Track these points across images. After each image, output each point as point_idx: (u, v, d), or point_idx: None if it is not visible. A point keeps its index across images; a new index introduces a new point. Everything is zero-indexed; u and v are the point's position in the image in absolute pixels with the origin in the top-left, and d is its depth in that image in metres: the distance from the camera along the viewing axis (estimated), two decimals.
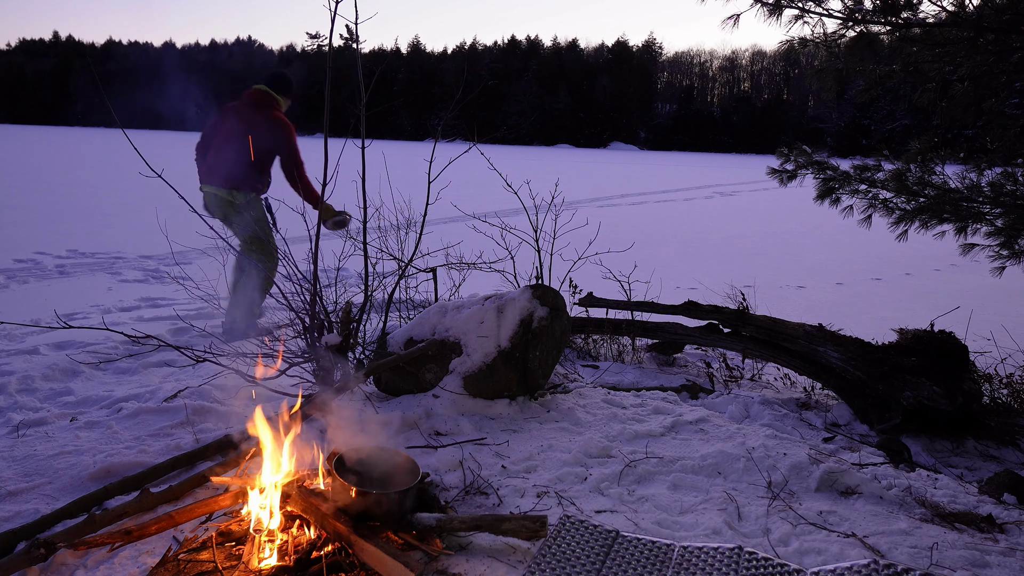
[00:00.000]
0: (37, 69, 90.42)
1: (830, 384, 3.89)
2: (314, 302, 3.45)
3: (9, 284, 6.30)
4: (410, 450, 2.78)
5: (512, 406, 3.30)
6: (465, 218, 5.21)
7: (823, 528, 2.34)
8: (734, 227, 13.44)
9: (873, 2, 3.66)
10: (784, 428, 3.41)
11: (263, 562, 1.95)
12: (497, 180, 4.91)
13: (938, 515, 2.46)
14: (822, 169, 4.70)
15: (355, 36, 3.33)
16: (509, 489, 2.53)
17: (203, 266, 4.45)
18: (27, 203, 12.19)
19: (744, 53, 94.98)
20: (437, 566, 2.03)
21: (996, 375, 3.89)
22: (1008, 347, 4.25)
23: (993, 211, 4.11)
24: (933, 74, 3.97)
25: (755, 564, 1.95)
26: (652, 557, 2.00)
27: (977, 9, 3.53)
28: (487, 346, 3.33)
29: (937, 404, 3.39)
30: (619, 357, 4.81)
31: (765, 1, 3.85)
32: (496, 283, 4.93)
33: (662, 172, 32.29)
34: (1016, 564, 2.16)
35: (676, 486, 2.63)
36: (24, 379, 3.70)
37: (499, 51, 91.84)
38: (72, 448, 2.76)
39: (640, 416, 3.31)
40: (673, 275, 7.50)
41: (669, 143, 79.97)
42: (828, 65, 4.06)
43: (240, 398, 3.37)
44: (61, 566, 2.00)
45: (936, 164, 4.26)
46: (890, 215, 4.47)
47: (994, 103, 4.04)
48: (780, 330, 4.16)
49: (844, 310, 6.60)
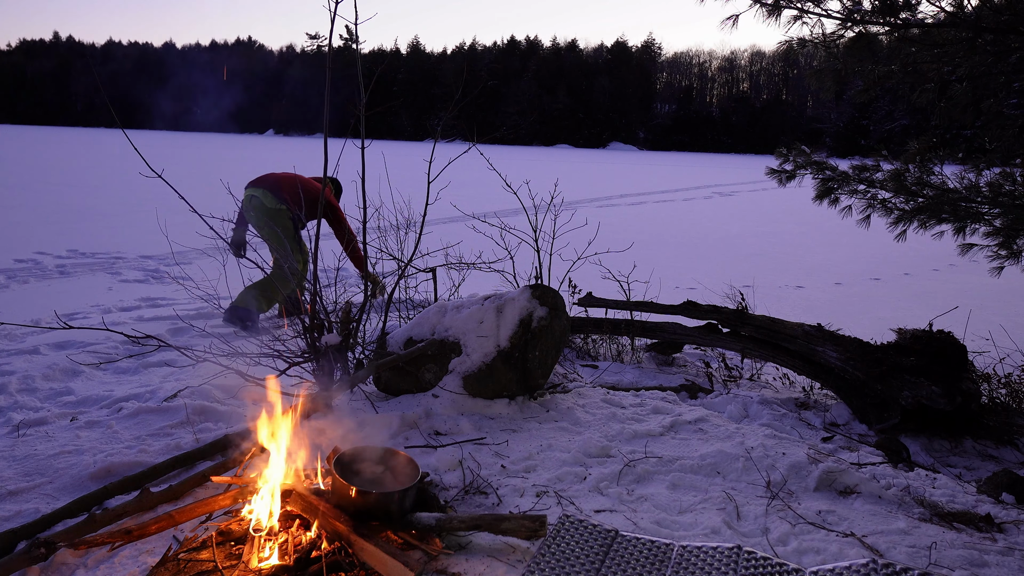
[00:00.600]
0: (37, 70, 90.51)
1: (829, 384, 3.90)
2: (314, 302, 3.45)
3: (9, 284, 6.31)
4: (409, 450, 2.79)
5: (511, 406, 3.31)
6: (464, 218, 5.22)
7: (822, 527, 2.35)
8: (733, 227, 13.45)
9: (872, 3, 3.67)
10: (783, 428, 3.42)
11: (263, 561, 1.96)
12: (496, 180, 4.92)
13: (936, 514, 2.47)
14: (821, 169, 4.70)
15: (355, 37, 3.33)
16: (508, 489, 2.54)
17: (203, 266, 4.46)
18: (27, 203, 12.20)
19: (743, 53, 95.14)
20: (437, 565, 2.04)
21: (994, 375, 3.90)
22: (1006, 347, 4.26)
23: (991, 211, 4.12)
24: (932, 74, 3.98)
25: (754, 563, 1.95)
26: (651, 556, 2.00)
27: (975, 10, 3.54)
28: (486, 346, 3.34)
29: (936, 404, 3.40)
30: (618, 357, 4.82)
31: (764, 2, 3.86)
32: (495, 283, 4.93)
33: (661, 172, 32.30)
34: (1014, 563, 2.17)
35: (675, 486, 2.63)
36: (24, 379, 3.71)
37: (498, 51, 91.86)
38: (72, 448, 2.76)
39: (639, 416, 3.32)
40: (672, 275, 7.50)
41: (668, 143, 79.98)
42: (827, 65, 4.07)
43: (240, 398, 3.37)
44: (61, 565, 2.00)
45: (935, 164, 4.27)
46: (889, 215, 4.48)
47: (992, 103, 4.05)
48: (779, 330, 4.16)
49: (843, 310, 6.61)
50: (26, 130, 58.57)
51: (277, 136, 78.44)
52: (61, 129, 67.04)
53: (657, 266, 6.56)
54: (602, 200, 17.28)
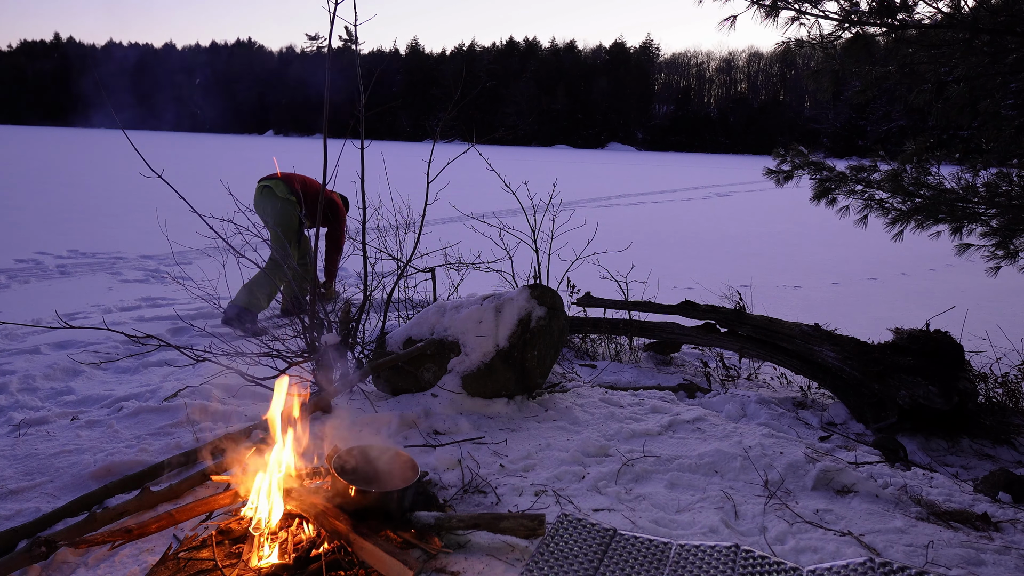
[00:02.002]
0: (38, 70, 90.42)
1: (826, 383, 3.91)
2: (314, 301, 3.46)
3: (10, 284, 6.31)
4: (409, 449, 2.79)
5: (510, 405, 3.32)
6: (463, 218, 5.23)
7: (819, 526, 2.36)
8: (731, 227, 13.46)
9: (869, 4, 3.68)
10: (780, 427, 3.43)
11: (263, 560, 1.96)
12: (495, 181, 4.93)
13: (934, 513, 2.48)
14: (818, 170, 4.72)
15: (354, 38, 3.35)
16: (507, 488, 2.55)
17: (203, 266, 4.47)
18: (28, 203, 12.20)
19: (741, 54, 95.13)
20: (436, 564, 2.05)
21: (991, 374, 3.91)
22: (1003, 346, 4.27)
23: (988, 211, 4.13)
24: (929, 75, 3.99)
25: (752, 562, 1.96)
26: (649, 555, 2.01)
27: (972, 11, 3.55)
28: (485, 345, 3.34)
29: (933, 403, 3.41)
30: (616, 356, 4.83)
31: (762, 3, 3.87)
32: (494, 283, 4.95)
33: (659, 173, 32.32)
34: (1011, 562, 2.18)
35: (673, 485, 2.64)
36: (25, 378, 3.71)
37: (497, 52, 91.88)
38: (73, 447, 2.77)
39: (637, 415, 3.33)
40: (670, 275, 7.52)
41: (666, 144, 79.98)
42: (824, 66, 4.08)
43: (240, 397, 3.38)
44: (62, 564, 2.01)
45: (932, 165, 4.28)
46: (886, 215, 4.49)
47: (989, 104, 4.06)
48: (776, 329, 4.18)
49: (840, 310, 6.62)
50: (27, 131, 58.51)
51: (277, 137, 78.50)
52: (62, 130, 66.97)
53: (655, 266, 6.58)
54: (600, 200, 17.30)
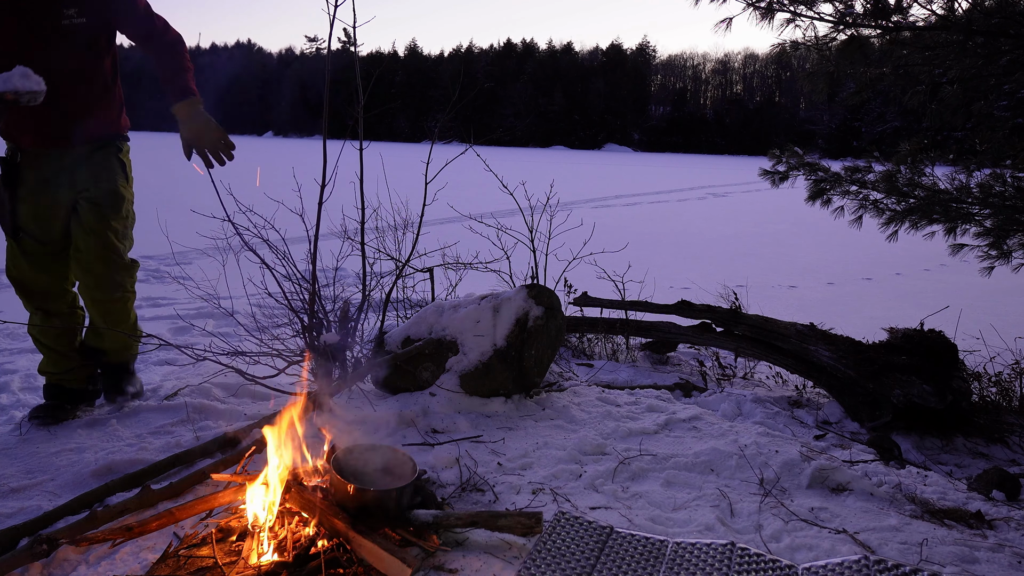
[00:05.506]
0: None
1: (821, 382, 3.94)
2: (313, 301, 3.47)
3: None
4: (407, 447, 2.81)
5: (508, 404, 3.33)
6: (461, 219, 5.24)
7: (814, 524, 2.37)
8: (727, 227, 13.50)
9: (864, 6, 3.71)
10: (776, 426, 3.45)
11: (262, 558, 1.98)
12: (493, 181, 4.95)
13: (928, 511, 2.50)
14: (813, 170, 4.75)
15: (353, 40, 3.36)
16: (505, 486, 2.56)
17: (203, 266, 4.47)
18: None
19: (737, 56, 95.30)
20: (434, 562, 2.06)
21: (985, 373, 3.94)
22: (997, 346, 4.30)
23: (982, 212, 4.16)
24: (923, 77, 4.02)
25: (747, 560, 1.98)
26: (646, 553, 2.03)
27: (966, 13, 3.58)
28: (483, 345, 3.36)
29: (927, 402, 3.44)
30: (613, 356, 4.85)
31: (757, 5, 3.90)
32: (492, 283, 4.96)
33: (656, 173, 32.36)
34: (1004, 560, 2.20)
35: (669, 483, 2.66)
36: (27, 377, 3.72)
37: (495, 54, 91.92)
38: (74, 445, 2.78)
39: (634, 414, 3.35)
40: (667, 275, 7.55)
41: (663, 145, 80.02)
42: (819, 68, 4.11)
43: (240, 396, 3.39)
44: (63, 562, 2.02)
45: (926, 166, 4.32)
46: (880, 216, 4.52)
47: (983, 105, 4.09)
48: (772, 329, 4.20)
49: (835, 309, 6.65)
50: None
51: (276, 138, 78.33)
52: None
53: (652, 266, 6.60)
54: (597, 201, 17.33)
